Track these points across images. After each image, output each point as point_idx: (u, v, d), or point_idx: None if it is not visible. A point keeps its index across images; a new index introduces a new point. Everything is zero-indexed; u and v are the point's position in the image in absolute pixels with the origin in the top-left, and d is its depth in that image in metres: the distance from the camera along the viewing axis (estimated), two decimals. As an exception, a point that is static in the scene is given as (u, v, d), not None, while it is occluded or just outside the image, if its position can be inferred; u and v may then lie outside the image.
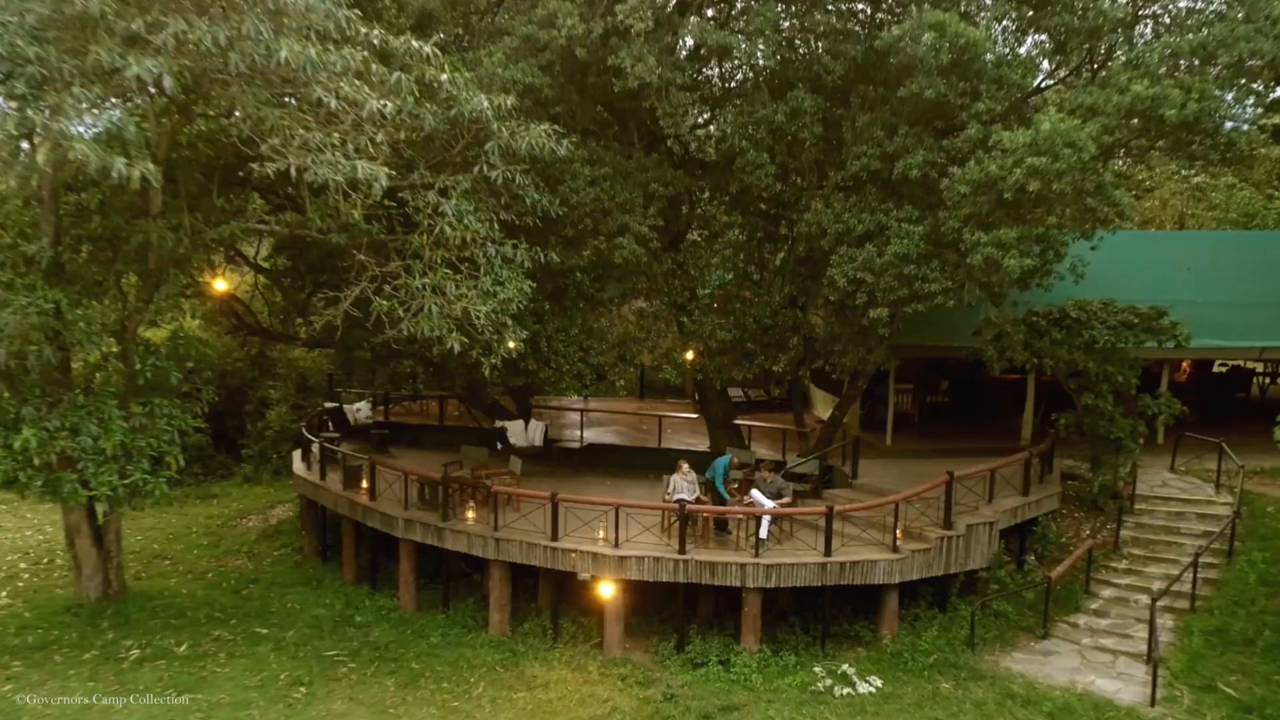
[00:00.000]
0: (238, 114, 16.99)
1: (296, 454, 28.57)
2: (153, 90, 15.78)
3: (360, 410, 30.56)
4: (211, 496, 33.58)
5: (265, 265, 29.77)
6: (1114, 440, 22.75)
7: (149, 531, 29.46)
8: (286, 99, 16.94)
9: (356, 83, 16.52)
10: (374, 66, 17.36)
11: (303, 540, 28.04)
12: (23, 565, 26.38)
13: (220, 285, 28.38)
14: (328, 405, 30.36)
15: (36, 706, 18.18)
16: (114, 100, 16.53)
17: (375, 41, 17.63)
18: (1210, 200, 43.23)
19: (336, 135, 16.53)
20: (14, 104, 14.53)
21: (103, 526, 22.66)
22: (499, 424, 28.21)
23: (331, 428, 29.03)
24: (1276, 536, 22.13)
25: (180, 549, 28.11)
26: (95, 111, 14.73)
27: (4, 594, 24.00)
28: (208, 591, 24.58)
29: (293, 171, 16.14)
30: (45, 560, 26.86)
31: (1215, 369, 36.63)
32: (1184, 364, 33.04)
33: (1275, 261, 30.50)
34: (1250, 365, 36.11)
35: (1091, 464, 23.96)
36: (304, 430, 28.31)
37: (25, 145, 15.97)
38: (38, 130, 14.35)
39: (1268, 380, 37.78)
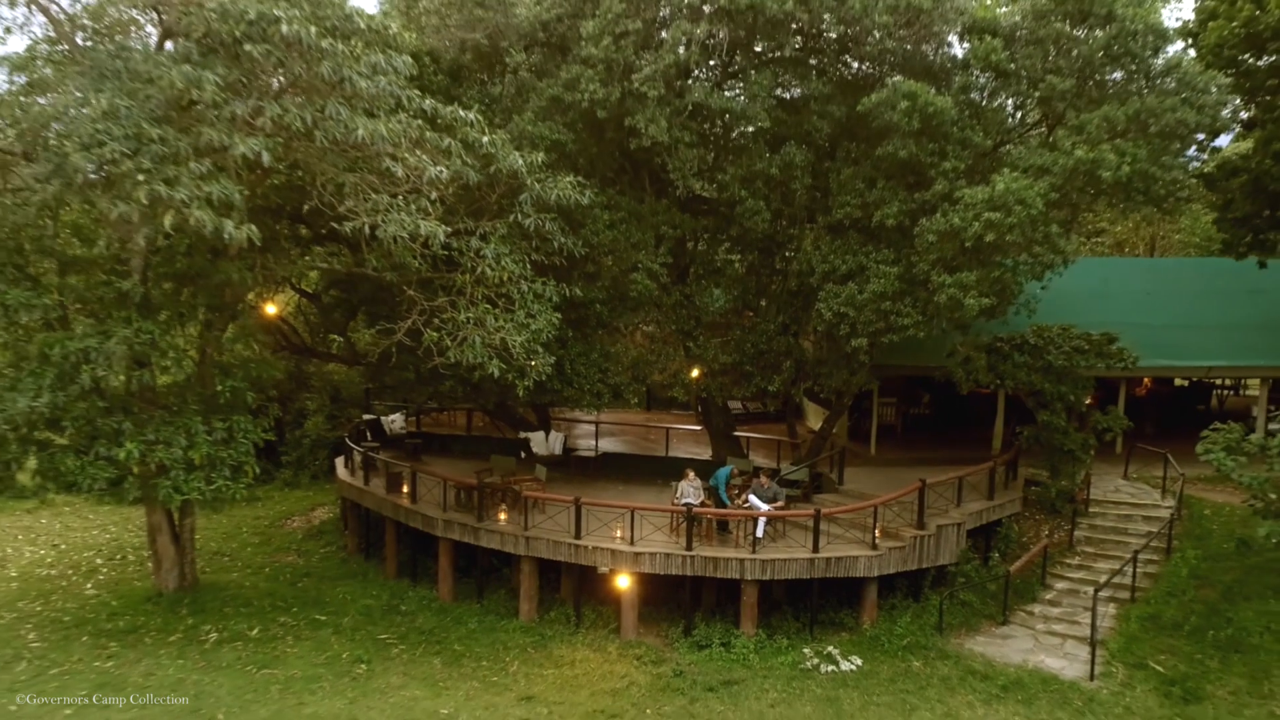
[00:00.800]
0: (319, 179, 19.99)
1: (339, 460, 31.65)
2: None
3: (395, 421, 33.65)
4: (255, 499, 36.59)
5: (309, 291, 32.84)
6: (1068, 451, 25.88)
7: (205, 531, 32.50)
8: (359, 166, 19.95)
9: (417, 152, 19.64)
10: (428, 134, 20.52)
11: (346, 539, 31.15)
12: (99, 560, 29.48)
13: (270, 309, 31.46)
14: (366, 417, 33.41)
15: (137, 679, 21.27)
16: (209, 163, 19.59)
17: (427, 109, 20.80)
18: (1179, 224, 46.38)
19: (401, 197, 19.65)
20: (141, 176, 17.60)
21: (179, 526, 25.71)
22: (522, 435, 31.31)
23: (370, 437, 32.11)
24: (1209, 536, 25.26)
25: (235, 546, 31.20)
26: (206, 182, 17.72)
27: (89, 586, 27.09)
28: (267, 584, 27.68)
29: (367, 229, 19.23)
30: (118, 556, 29.96)
31: (1177, 382, 39.71)
32: (1145, 380, 36.09)
33: (1222, 287, 33.59)
34: (1211, 379, 39.18)
35: (1050, 472, 27.09)
36: (346, 439, 31.38)
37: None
38: (163, 199, 17.42)
39: (1227, 393, 40.87)
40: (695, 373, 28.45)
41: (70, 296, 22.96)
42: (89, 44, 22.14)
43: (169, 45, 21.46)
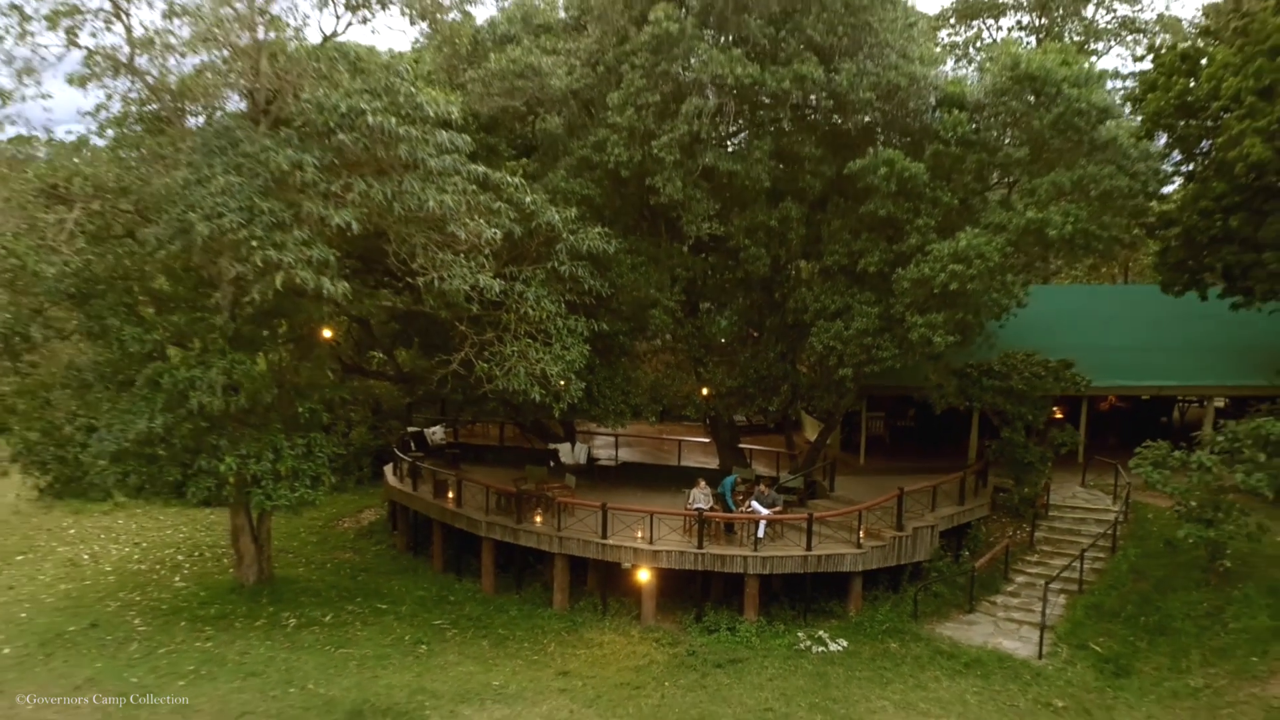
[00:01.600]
0: (395, 241, 23.98)
1: (388, 468, 35.66)
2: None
3: (436, 433, 37.62)
4: (307, 503, 40.51)
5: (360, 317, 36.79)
6: (1028, 463, 29.86)
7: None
8: (428, 229, 23.91)
9: (475, 216, 23.64)
10: (480, 197, 24.54)
11: (395, 538, 35.15)
12: (180, 557, 33.47)
13: (326, 333, 35.41)
14: (410, 429, 37.38)
15: (234, 656, 25.27)
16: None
17: (480, 174, 24.82)
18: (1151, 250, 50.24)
19: (462, 255, 23.65)
20: (255, 242, 21.60)
21: (258, 528, 29.70)
22: (551, 446, 35.29)
23: (414, 447, 36.10)
24: (1149, 536, 29.18)
25: (297, 545, 35.17)
26: (307, 247, 21.69)
27: (177, 579, 31.10)
28: (331, 577, 31.69)
29: (435, 282, 23.23)
30: (195, 553, 33.95)
31: (1144, 397, 43.56)
32: (1110, 396, 39.97)
33: (1178, 311, 37.16)
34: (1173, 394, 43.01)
35: (1014, 480, 31.04)
36: (394, 449, 35.38)
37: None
38: (274, 261, 21.41)
39: (1190, 405, 44.71)
40: (705, 391, 32.41)
41: (170, 331, 26.90)
42: (183, 110, 26.14)
43: (233, 102, 25.48)
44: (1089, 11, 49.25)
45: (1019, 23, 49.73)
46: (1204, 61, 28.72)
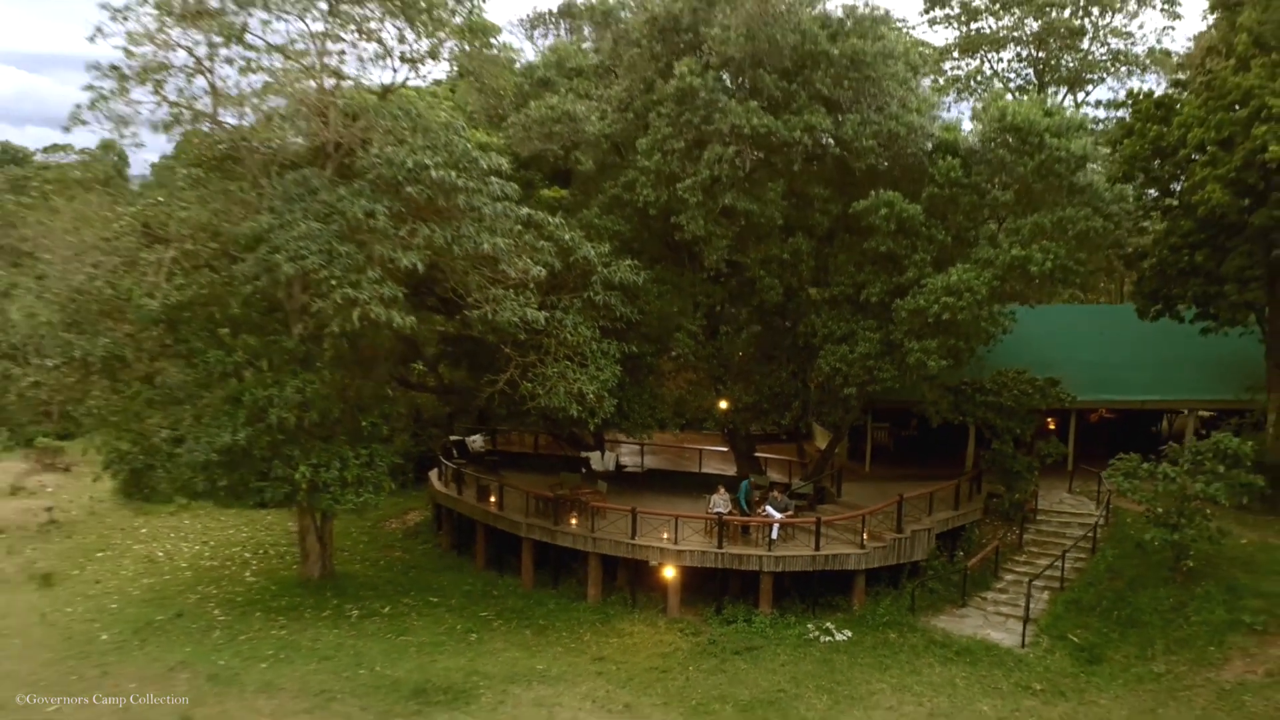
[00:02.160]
0: (452, 277, 27.28)
1: (433, 473, 38.96)
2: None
3: (476, 441, 40.90)
4: (369, 507, 43.70)
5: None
6: (1016, 472, 32.97)
7: (321, 531, 39.80)
8: (482, 267, 27.19)
9: (523, 256, 26.90)
10: (526, 236, 27.81)
11: (439, 538, 38.45)
12: (246, 554, 36.86)
13: (376, 350, 38.70)
14: (453, 438, 40.66)
15: (307, 643, 28.56)
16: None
17: (525, 215, 28.11)
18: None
19: (511, 289, 26.92)
20: (334, 281, 24.90)
21: (322, 529, 33.01)
22: (583, 454, 38.54)
23: (456, 454, 39.39)
24: (1125, 538, 32.23)
25: (350, 544, 38.48)
26: (380, 286, 24.99)
27: (247, 574, 34.48)
28: (385, 573, 35.02)
29: (489, 314, 26.51)
30: (260, 551, 37.33)
31: (1132, 409, 46.54)
32: (1102, 409, 42.92)
33: (1162, 329, 39.94)
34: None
35: (1005, 487, 34.13)
36: (439, 455, 38.68)
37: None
38: (351, 298, 24.71)
39: (1175, 416, 47.65)
40: (724, 406, 35.60)
41: (247, 353, 30.17)
42: (258, 156, 29.41)
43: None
44: (1085, 43, 52.31)
45: (1018, 55, 52.93)
46: (1178, 106, 31.77)
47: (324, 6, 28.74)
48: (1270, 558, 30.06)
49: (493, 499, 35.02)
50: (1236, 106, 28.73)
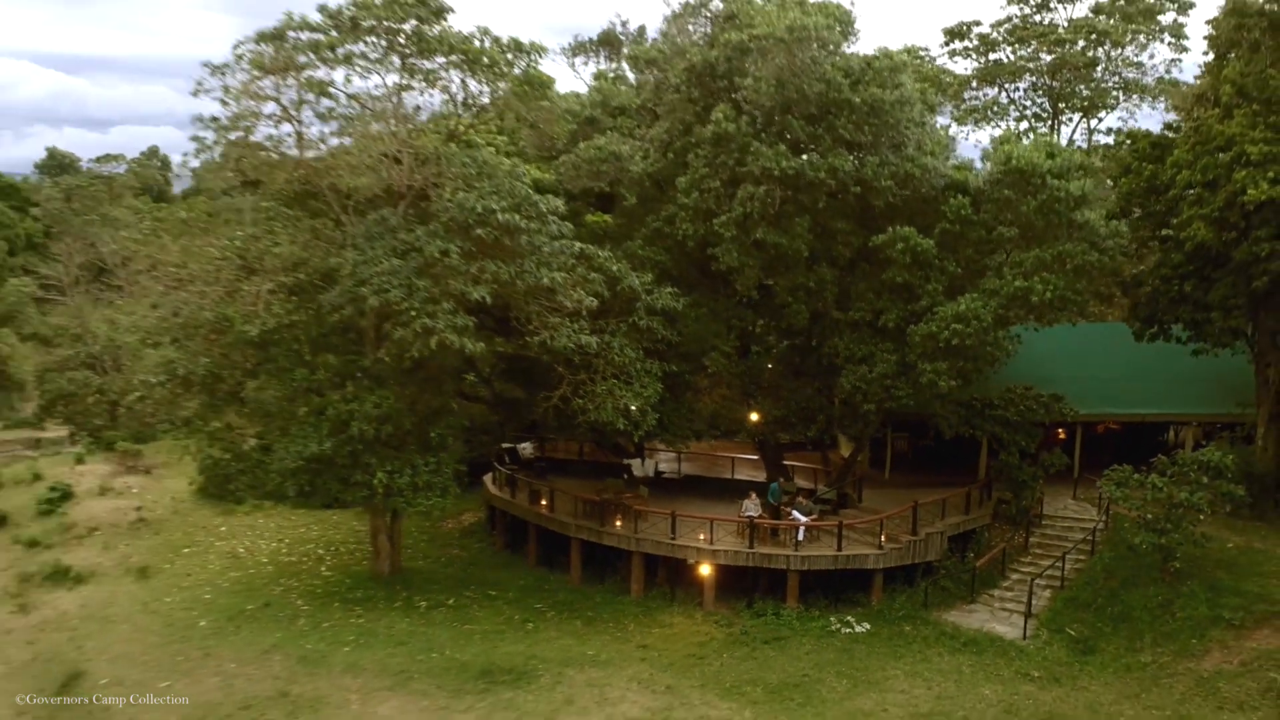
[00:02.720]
0: (514, 308, 30.80)
1: (488, 477, 42.52)
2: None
3: (526, 448, 44.42)
4: (436, 509, 47.10)
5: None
6: (1022, 481, 36.13)
7: (384, 530, 43.44)
8: (541, 297, 30.67)
9: (577, 289, 30.36)
10: (579, 270, 31.28)
11: (493, 538, 42.00)
12: (320, 551, 40.56)
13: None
14: (505, 445, 44.15)
15: (383, 630, 32.12)
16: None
17: (578, 249, 31.58)
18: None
19: (567, 318, 30.40)
20: (414, 312, 28.44)
21: (392, 529, 36.60)
22: (625, 461, 41.98)
23: (509, 460, 42.92)
24: (1122, 542, 35.19)
25: (411, 543, 42.06)
26: (454, 316, 28.53)
27: (323, 569, 38.17)
28: (446, 569, 38.62)
29: (548, 340, 30.00)
30: (332, 548, 41.00)
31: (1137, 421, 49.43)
32: (1109, 421, 45.80)
33: (1158, 348, 42.73)
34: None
35: (1012, 494, 37.28)
36: (494, 461, 42.22)
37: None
38: (429, 328, 28.25)
39: (1182, 427, 50.45)
40: (755, 418, 38.94)
41: (329, 372, 33.76)
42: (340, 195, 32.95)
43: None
44: (1097, 72, 55.19)
45: (1034, 84, 55.87)
46: (1171, 149, 34.82)
47: (397, 61, 32.36)
48: (1251, 560, 33.09)
49: (544, 502, 38.50)
50: (1220, 152, 31.77)
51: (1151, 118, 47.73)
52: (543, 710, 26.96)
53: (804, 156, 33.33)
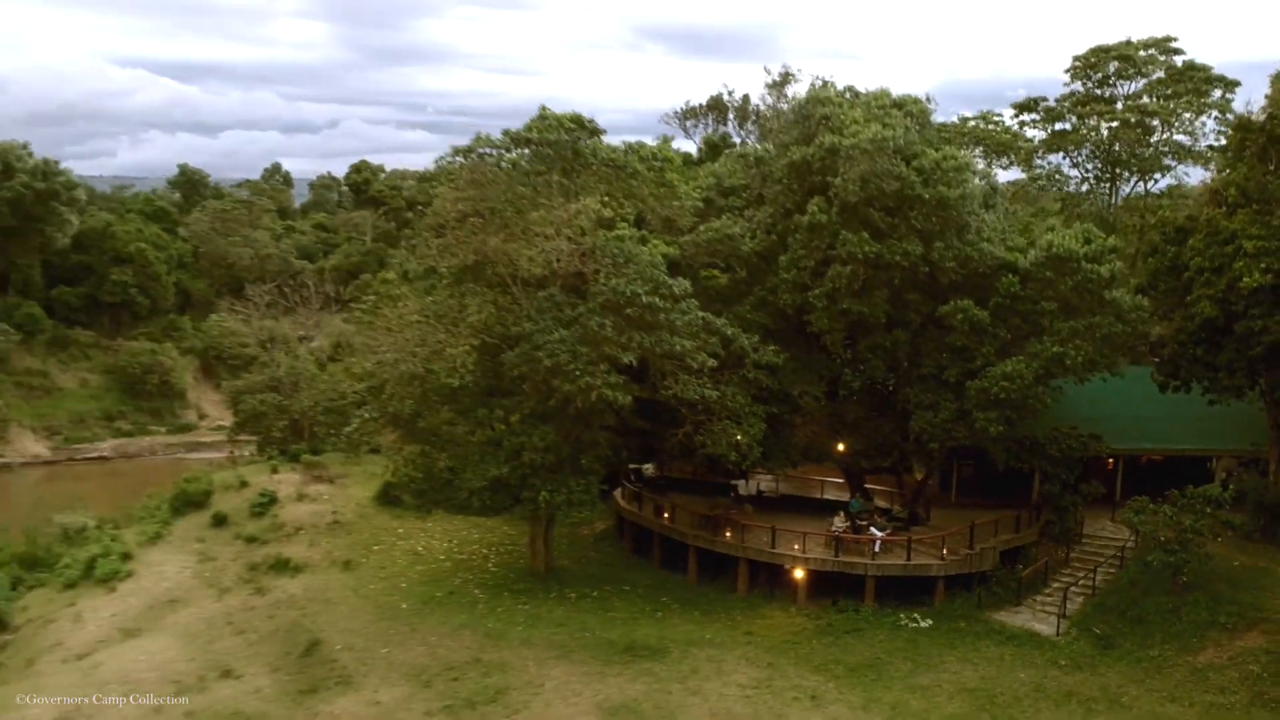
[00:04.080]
0: (653, 368, 39.53)
1: (617, 492, 51.38)
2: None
3: (648, 468, 53.16)
4: (585, 521, 55.91)
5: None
6: (1063, 507, 43.80)
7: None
8: (673, 358, 39.30)
9: (701, 354, 38.96)
10: (702, 335, 39.91)
11: (622, 544, 50.85)
12: (485, 551, 49.82)
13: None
14: (632, 466, 52.89)
15: (545, 614, 41.07)
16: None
17: (701, 318, 40.20)
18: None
19: (693, 375, 39.00)
20: (578, 372, 37.30)
21: (547, 534, 45.60)
22: (732, 482, 50.47)
23: (635, 479, 51.71)
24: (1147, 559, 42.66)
25: (556, 546, 51.02)
26: (608, 375, 37.34)
27: (490, 565, 47.42)
28: (586, 569, 47.57)
29: (679, 393, 38.69)
30: (494, 549, 50.20)
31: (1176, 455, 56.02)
32: (1147, 454, 52.63)
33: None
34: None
35: (1057, 516, 44.89)
36: (622, 479, 51.06)
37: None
38: (589, 384, 37.12)
39: (1220, 458, 56.97)
40: (840, 448, 47.17)
41: (503, 411, 42.81)
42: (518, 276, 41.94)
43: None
44: (1153, 139, 61.99)
45: (1094, 151, 62.93)
46: (1192, 233, 42.14)
47: (558, 180, 41.32)
48: (1251, 576, 40.41)
49: (665, 515, 47.20)
50: (1225, 244, 39.09)
51: (1203, 176, 54.64)
52: (675, 676, 35.66)
53: (883, 242, 41.45)
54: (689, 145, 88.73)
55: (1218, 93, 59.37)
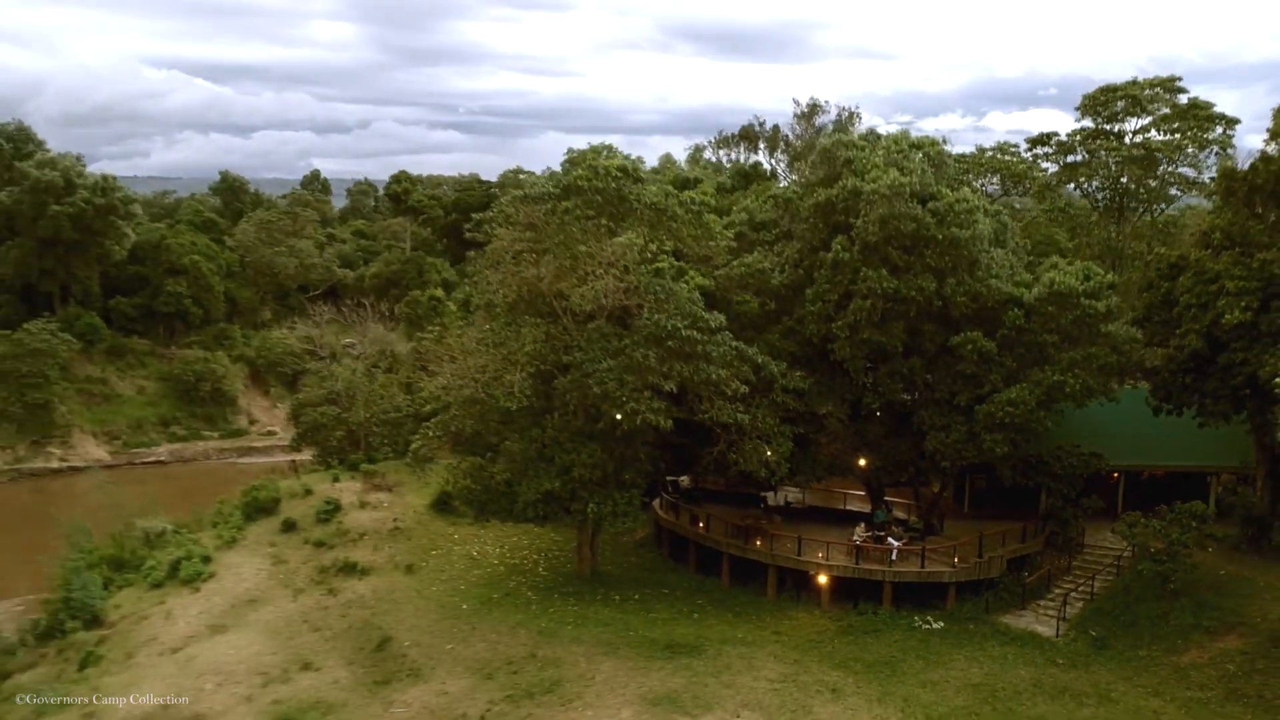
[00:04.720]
0: (690, 394, 43.93)
1: (655, 502, 55.79)
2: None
3: (684, 480, 57.55)
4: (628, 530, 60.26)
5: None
6: (1066, 519, 47.91)
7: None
8: (709, 385, 43.70)
9: (735, 381, 43.32)
10: (735, 364, 44.26)
11: (660, 550, 55.26)
12: (535, 556, 54.34)
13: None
14: (669, 478, 57.27)
15: (592, 614, 45.53)
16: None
17: (736, 348, 44.55)
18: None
19: (726, 400, 43.35)
20: (624, 398, 41.71)
21: (593, 541, 50.05)
22: (761, 494, 54.78)
23: (672, 490, 56.13)
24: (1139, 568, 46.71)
25: (600, 552, 55.53)
26: (651, 401, 41.72)
27: (540, 569, 51.95)
28: (627, 573, 52.01)
29: (715, 416, 43.06)
30: (542, 554, 54.71)
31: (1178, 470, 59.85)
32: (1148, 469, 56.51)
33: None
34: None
35: (1059, 528, 48.98)
36: (660, 489, 55.47)
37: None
38: (634, 409, 41.54)
39: (1221, 474, 60.77)
40: (862, 463, 51.43)
41: (553, 430, 47.22)
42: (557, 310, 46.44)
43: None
44: (1159, 170, 65.90)
45: (1103, 182, 66.91)
46: (1183, 270, 46.11)
47: (606, 223, 45.74)
48: (1235, 584, 44.42)
49: (700, 524, 51.58)
50: (1210, 283, 43.09)
51: (1207, 204, 58.61)
52: (710, 670, 40.06)
53: (900, 278, 45.67)
54: (713, 155, 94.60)
55: (1219, 129, 63.17)
